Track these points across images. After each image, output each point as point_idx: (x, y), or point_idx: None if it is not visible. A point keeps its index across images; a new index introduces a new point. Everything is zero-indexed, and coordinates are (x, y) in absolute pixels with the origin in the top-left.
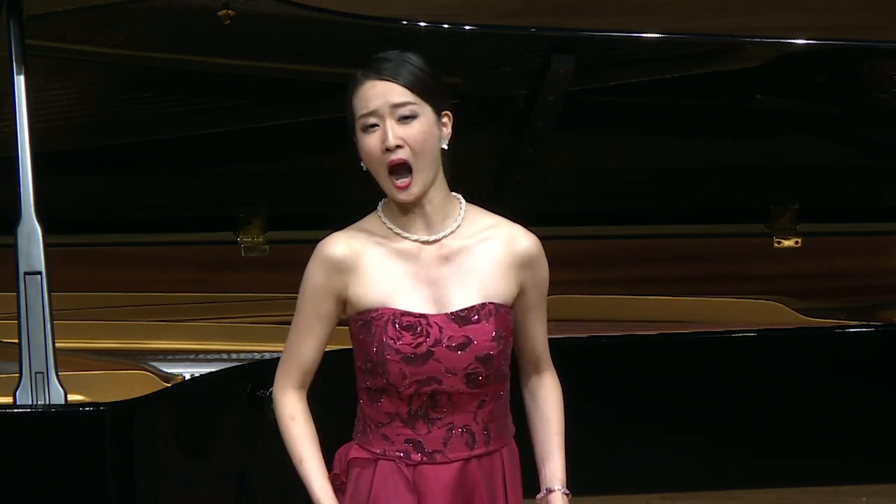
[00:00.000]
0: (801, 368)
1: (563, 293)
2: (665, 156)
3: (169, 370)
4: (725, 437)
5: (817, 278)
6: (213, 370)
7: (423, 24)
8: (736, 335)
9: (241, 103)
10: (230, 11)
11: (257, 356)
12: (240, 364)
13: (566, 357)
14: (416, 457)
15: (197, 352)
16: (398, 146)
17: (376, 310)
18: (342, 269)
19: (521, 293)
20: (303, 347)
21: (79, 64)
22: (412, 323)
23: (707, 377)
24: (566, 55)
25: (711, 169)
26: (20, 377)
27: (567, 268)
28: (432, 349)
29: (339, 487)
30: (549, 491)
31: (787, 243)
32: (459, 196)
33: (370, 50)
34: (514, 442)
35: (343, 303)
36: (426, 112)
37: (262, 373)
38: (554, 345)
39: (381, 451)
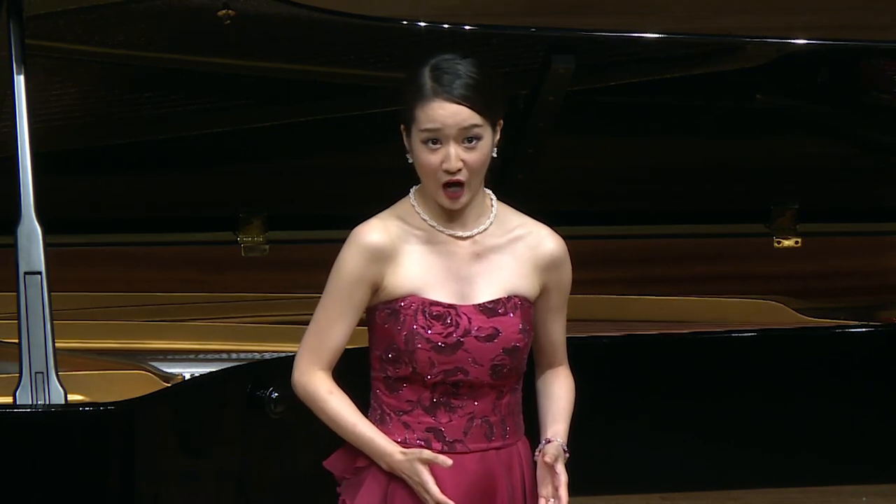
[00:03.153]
0: (801, 368)
1: None
2: (665, 156)
3: (169, 370)
4: (725, 436)
5: (817, 278)
6: (213, 370)
7: (423, 24)
8: (736, 335)
9: (241, 103)
10: (230, 11)
11: (257, 356)
12: (240, 364)
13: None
14: (437, 445)
15: (197, 352)
16: (458, 169)
17: (405, 298)
18: (381, 257)
19: (543, 293)
20: (332, 332)
21: (79, 64)
22: (441, 313)
23: (707, 377)
24: (566, 55)
25: (711, 169)
26: (20, 377)
27: None
28: (462, 339)
29: (349, 482)
30: (548, 441)
31: (787, 243)
32: (491, 193)
33: (370, 50)
34: (527, 438)
35: (376, 290)
36: (487, 132)
37: (262, 373)
38: None
39: (402, 438)
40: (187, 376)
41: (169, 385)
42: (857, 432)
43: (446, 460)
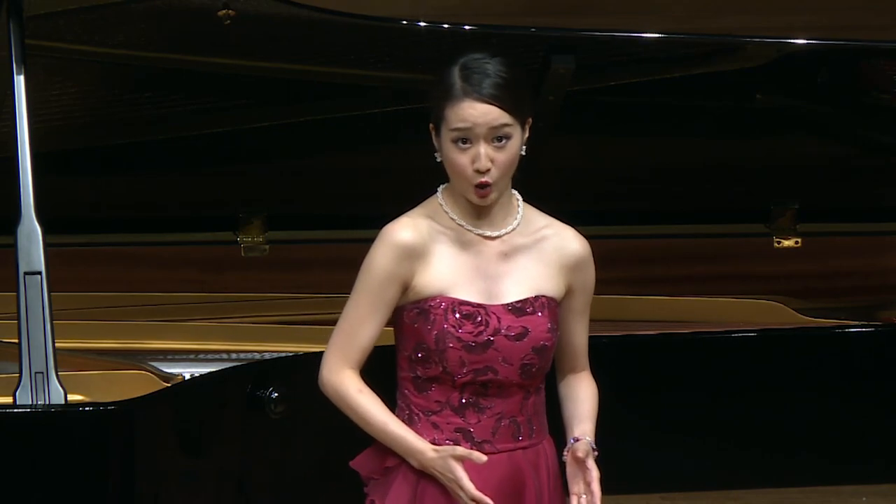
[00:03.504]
0: (801, 368)
1: None
2: (665, 156)
3: (169, 370)
4: (725, 436)
5: (817, 278)
6: (213, 370)
7: (423, 24)
8: (736, 335)
9: (241, 103)
10: (230, 11)
11: (257, 356)
12: (240, 364)
13: None
14: (466, 446)
15: (197, 352)
16: (488, 168)
17: (434, 298)
18: (412, 255)
19: (568, 295)
20: (362, 330)
21: (79, 64)
22: (471, 312)
23: (707, 377)
24: (566, 55)
25: (711, 169)
26: (20, 377)
27: None
28: (492, 338)
29: (377, 482)
30: (577, 439)
31: (787, 243)
32: (517, 193)
33: (370, 50)
34: (551, 437)
35: (406, 288)
36: (517, 131)
37: (262, 373)
38: None
39: (431, 439)
40: (187, 376)
41: (169, 385)
42: (857, 432)
43: (481, 456)
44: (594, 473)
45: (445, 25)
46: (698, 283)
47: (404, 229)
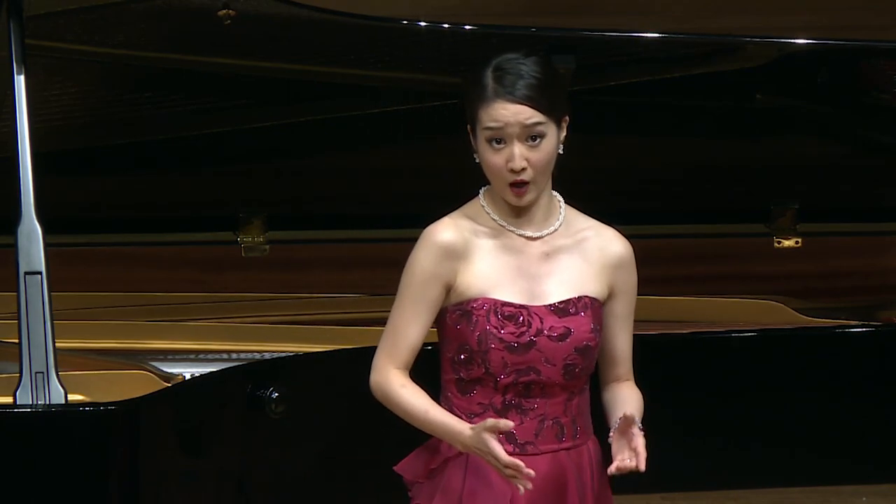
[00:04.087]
0: (801, 368)
1: None
2: (665, 156)
3: (169, 370)
4: (725, 436)
5: (817, 278)
6: (213, 370)
7: (423, 23)
8: (736, 335)
9: (241, 103)
10: (230, 11)
11: (257, 356)
12: (240, 364)
13: None
14: (509, 448)
15: (197, 352)
16: (523, 168)
17: (476, 300)
18: (453, 255)
19: (611, 297)
20: (409, 331)
21: (79, 64)
22: (513, 313)
23: (707, 377)
24: (566, 55)
25: (711, 169)
26: (20, 377)
27: None
28: (534, 339)
29: (421, 486)
30: (626, 415)
31: (787, 243)
32: (559, 195)
33: (370, 50)
34: (596, 437)
35: (449, 289)
36: (551, 130)
37: (262, 373)
38: None
39: None
40: (187, 376)
41: (169, 385)
42: (857, 432)
43: (508, 423)
44: (639, 439)
45: (445, 25)
46: (698, 283)
47: (446, 229)
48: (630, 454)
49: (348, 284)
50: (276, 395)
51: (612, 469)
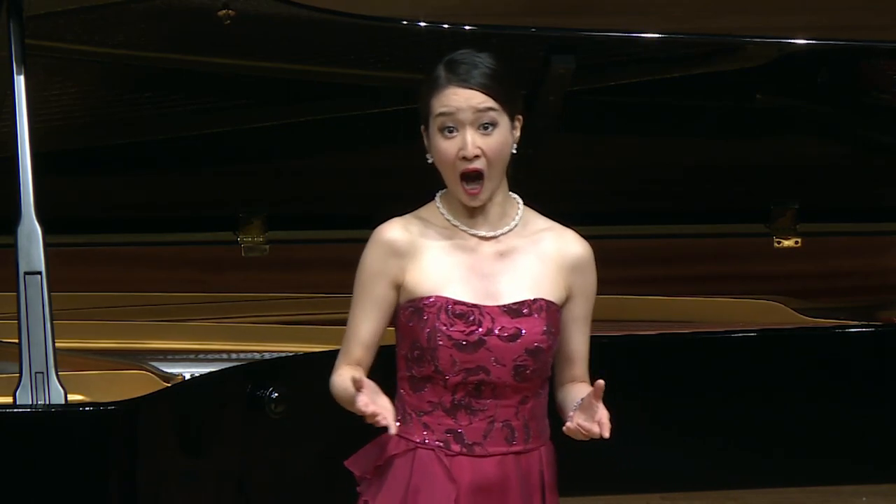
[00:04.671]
0: (801, 368)
1: None
2: (665, 156)
3: (169, 370)
4: (725, 436)
5: (817, 278)
6: (213, 370)
7: (423, 24)
8: (736, 335)
9: (241, 103)
10: (230, 11)
11: (257, 356)
12: (240, 364)
13: None
14: (456, 447)
15: (197, 352)
16: (475, 156)
17: (428, 297)
18: (399, 253)
19: (569, 300)
20: (359, 328)
21: (79, 64)
22: (465, 311)
23: (706, 377)
24: (566, 55)
25: (711, 169)
26: (20, 377)
27: None
28: (484, 338)
29: (370, 482)
30: (598, 383)
31: (787, 243)
32: (517, 196)
33: (370, 50)
34: (552, 443)
35: (398, 288)
36: (504, 120)
37: (262, 373)
38: None
39: (421, 439)
40: (187, 376)
41: (169, 385)
42: (857, 432)
43: (362, 379)
44: (604, 411)
45: (445, 25)
46: (698, 283)
47: (391, 228)
48: (593, 424)
49: (348, 284)
50: (276, 395)
51: (569, 426)
